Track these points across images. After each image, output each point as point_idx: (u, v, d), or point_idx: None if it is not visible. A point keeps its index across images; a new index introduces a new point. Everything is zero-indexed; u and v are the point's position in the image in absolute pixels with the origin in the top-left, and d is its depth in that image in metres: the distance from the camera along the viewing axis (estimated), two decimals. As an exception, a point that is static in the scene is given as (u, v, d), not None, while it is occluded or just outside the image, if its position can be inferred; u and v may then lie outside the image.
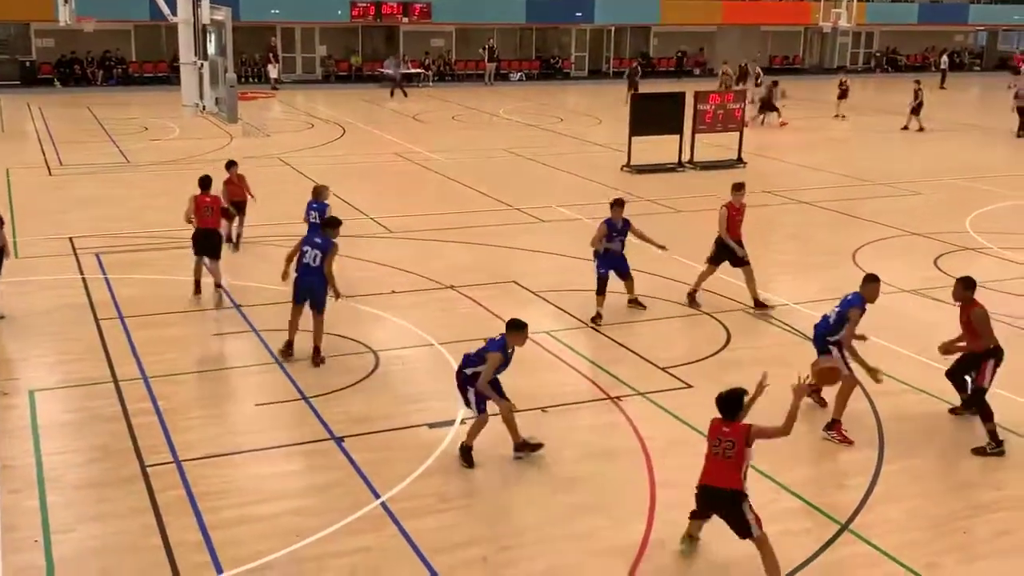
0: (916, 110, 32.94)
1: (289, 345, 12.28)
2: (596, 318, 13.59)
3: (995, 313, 11.36)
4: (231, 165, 16.93)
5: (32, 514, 8.66)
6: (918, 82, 33.86)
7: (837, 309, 10.49)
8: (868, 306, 10.38)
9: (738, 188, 14.34)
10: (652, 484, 9.38)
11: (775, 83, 34.88)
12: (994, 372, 10.34)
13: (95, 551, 8.17)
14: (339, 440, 10.12)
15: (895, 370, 11.99)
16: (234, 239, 16.79)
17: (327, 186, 15.19)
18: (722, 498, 7.70)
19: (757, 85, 39.51)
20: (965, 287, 10.44)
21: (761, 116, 33.93)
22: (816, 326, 10.76)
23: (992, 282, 15.50)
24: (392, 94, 40.92)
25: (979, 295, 10.64)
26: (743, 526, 7.65)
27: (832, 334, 10.45)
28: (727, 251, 14.18)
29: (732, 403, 7.71)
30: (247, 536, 8.39)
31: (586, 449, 10.13)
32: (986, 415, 10.27)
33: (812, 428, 10.68)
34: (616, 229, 13.67)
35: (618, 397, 11.27)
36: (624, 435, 10.39)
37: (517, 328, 9.56)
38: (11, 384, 11.36)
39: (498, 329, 11.35)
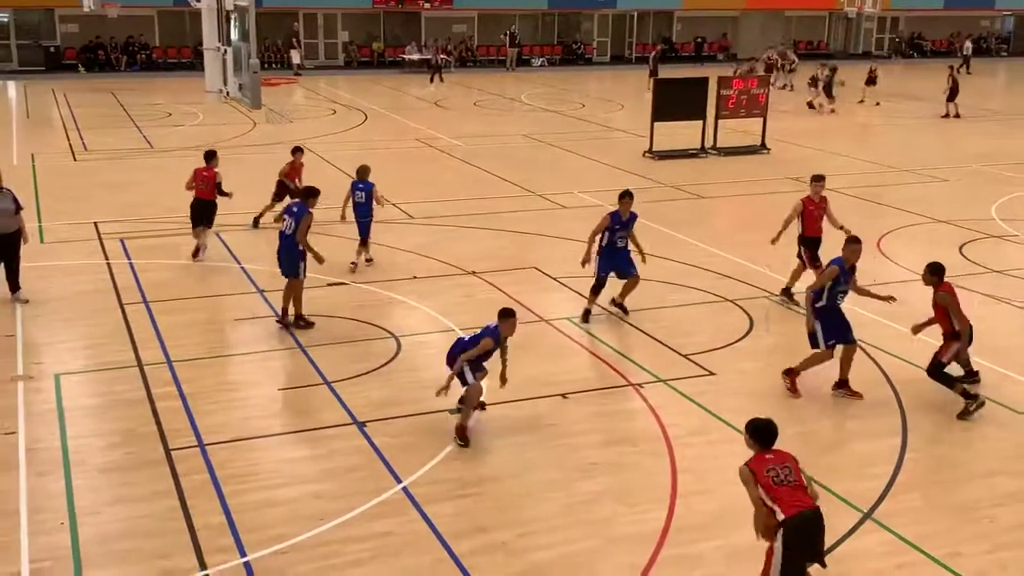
0: (951, 96, 32.44)
1: (283, 312, 12.71)
2: (586, 315, 13.10)
3: (1013, 301, 11.28)
4: (297, 151, 17.48)
5: (58, 497, 8.75)
6: (951, 67, 33.41)
7: None
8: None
9: (817, 180, 13.77)
10: (673, 471, 9.37)
11: (834, 69, 34.40)
12: (958, 352, 10.63)
13: (120, 534, 8.25)
14: (361, 425, 10.17)
15: (920, 358, 11.91)
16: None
17: (369, 166, 15.32)
18: (817, 520, 6.93)
19: (791, 71, 39.16)
20: (931, 272, 10.69)
21: (817, 99, 33.75)
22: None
23: (1017, 270, 15.38)
24: (432, 80, 40.95)
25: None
26: (822, 550, 7.08)
27: (818, 300, 10.74)
28: (810, 244, 13.72)
29: (771, 433, 7.14)
30: (270, 519, 8.45)
31: (607, 436, 10.14)
32: (947, 383, 10.59)
33: (832, 415, 10.66)
34: (621, 223, 12.93)
35: (639, 384, 11.25)
36: (645, 422, 10.38)
37: (507, 316, 9.87)
38: (37, 368, 11.46)
39: (520, 315, 11.36)
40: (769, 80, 28.71)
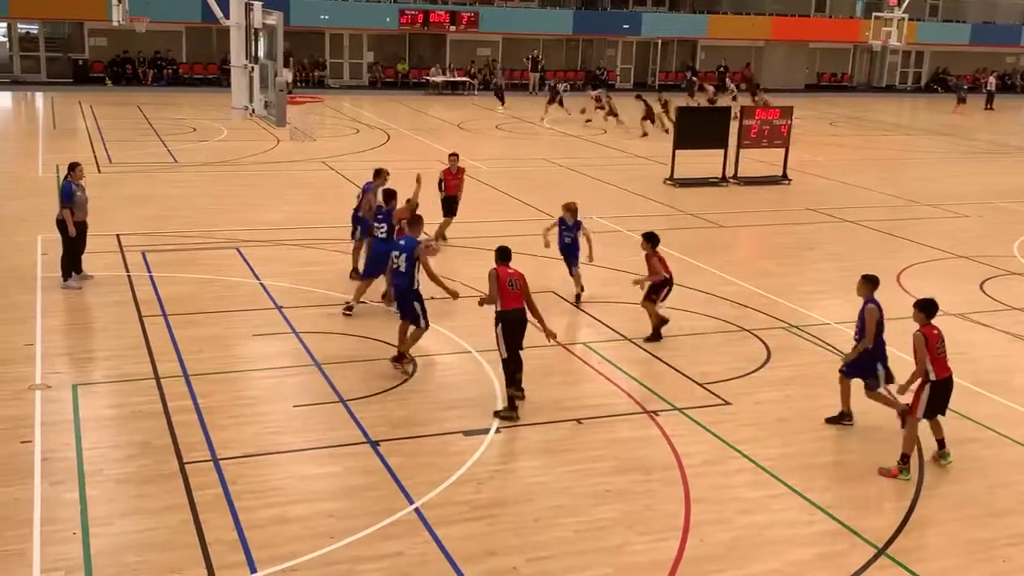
0: (648, 117, 33.65)
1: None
2: None
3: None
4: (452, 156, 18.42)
5: (71, 507, 8.78)
6: (639, 96, 35.46)
7: None
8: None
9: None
10: (687, 500, 9.32)
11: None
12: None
13: (131, 546, 8.26)
14: (375, 444, 10.17)
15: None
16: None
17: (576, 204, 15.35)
18: (951, 388, 9.88)
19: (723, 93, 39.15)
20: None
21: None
22: None
23: (1039, 308, 15.29)
24: (503, 103, 41.14)
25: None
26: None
27: None
28: None
29: (934, 307, 10.13)
30: (281, 536, 8.44)
31: (621, 463, 10.09)
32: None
33: (852, 450, 10.58)
34: None
35: (655, 412, 11.21)
36: (660, 450, 10.33)
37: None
38: (55, 378, 11.52)
39: (537, 339, 11.38)
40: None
